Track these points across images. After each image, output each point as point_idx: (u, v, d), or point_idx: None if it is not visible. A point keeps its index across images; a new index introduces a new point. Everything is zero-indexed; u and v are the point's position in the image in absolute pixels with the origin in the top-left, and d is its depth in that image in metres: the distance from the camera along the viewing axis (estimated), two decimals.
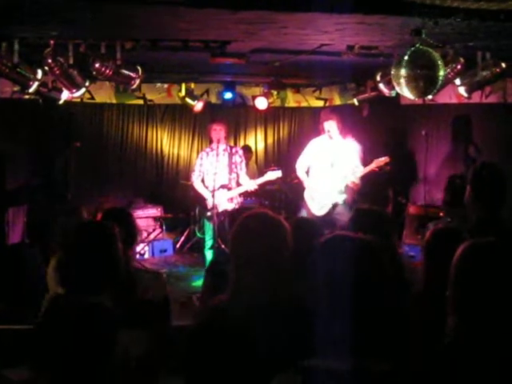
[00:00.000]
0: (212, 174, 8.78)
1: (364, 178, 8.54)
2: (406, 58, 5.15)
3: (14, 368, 5.53)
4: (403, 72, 5.18)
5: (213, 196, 8.65)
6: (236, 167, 8.95)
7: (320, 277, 2.28)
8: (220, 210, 8.79)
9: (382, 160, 8.45)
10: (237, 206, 8.97)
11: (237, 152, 9.08)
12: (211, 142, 9.12)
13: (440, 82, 5.38)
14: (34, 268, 7.55)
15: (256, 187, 9.00)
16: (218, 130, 8.86)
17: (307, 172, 8.77)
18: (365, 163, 8.52)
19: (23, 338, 3.66)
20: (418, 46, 5.22)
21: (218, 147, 8.90)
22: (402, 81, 5.24)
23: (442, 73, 5.27)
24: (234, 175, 8.96)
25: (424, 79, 5.25)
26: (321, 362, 2.09)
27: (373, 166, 8.45)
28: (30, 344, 3.12)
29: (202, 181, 9.04)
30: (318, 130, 8.87)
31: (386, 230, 3.82)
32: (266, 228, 2.65)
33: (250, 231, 2.67)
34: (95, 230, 3.25)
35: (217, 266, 4.39)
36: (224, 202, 8.80)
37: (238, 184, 8.98)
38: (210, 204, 8.71)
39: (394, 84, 5.52)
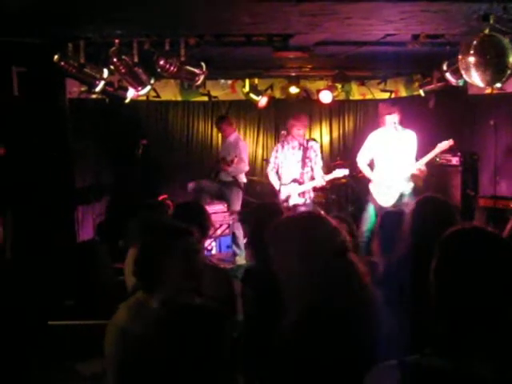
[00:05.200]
0: (286, 167, 8.96)
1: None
2: (474, 44, 5.03)
3: (86, 362, 5.68)
4: (472, 59, 5.06)
5: (282, 190, 8.79)
6: (310, 161, 8.94)
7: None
8: (290, 204, 8.79)
9: (446, 143, 8.25)
10: (308, 201, 8.95)
11: (312, 147, 9.05)
12: (288, 134, 9.09)
13: (510, 70, 5.24)
14: (103, 265, 7.68)
15: (324, 183, 8.99)
16: (299, 130, 8.92)
17: (370, 165, 8.69)
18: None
19: (94, 332, 3.70)
20: (486, 32, 5.09)
21: (293, 141, 8.95)
22: (471, 68, 5.12)
23: (511, 60, 5.13)
24: (307, 169, 8.94)
25: (493, 66, 5.12)
26: (422, 359, 1.97)
27: (437, 151, 8.28)
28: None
29: (277, 173, 9.14)
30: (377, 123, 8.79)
31: (449, 218, 3.71)
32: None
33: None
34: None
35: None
36: (295, 196, 8.80)
37: (312, 179, 8.96)
38: (281, 197, 8.77)
39: (462, 72, 5.39)
